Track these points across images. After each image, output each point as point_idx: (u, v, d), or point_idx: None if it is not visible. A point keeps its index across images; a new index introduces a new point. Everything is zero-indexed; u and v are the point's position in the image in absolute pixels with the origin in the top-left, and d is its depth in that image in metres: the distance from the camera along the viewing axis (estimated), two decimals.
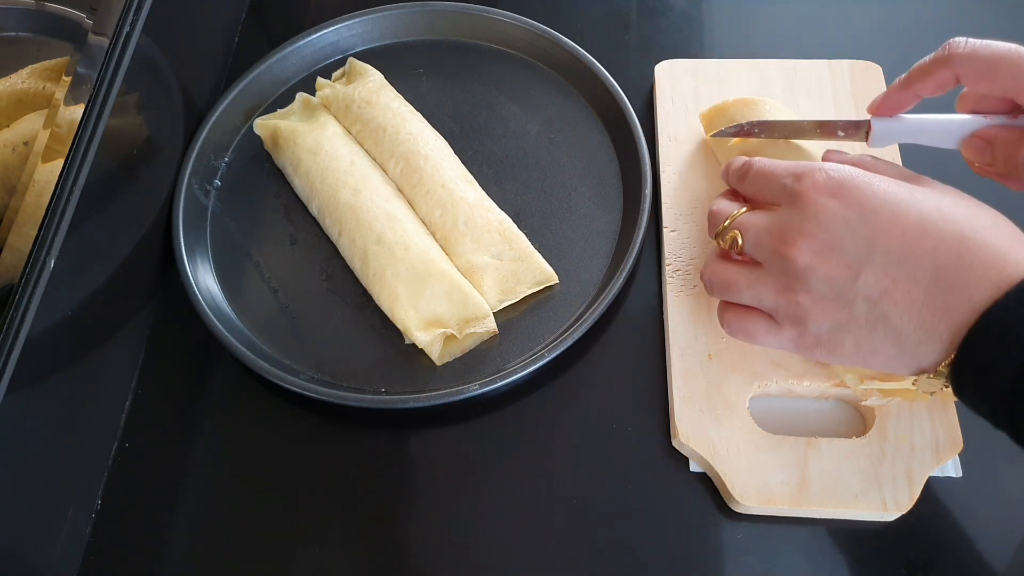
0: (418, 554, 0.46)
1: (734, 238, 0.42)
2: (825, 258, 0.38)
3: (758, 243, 0.41)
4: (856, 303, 0.38)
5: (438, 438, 0.50)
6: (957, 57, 0.41)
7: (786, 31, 0.65)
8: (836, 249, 0.38)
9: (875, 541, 0.45)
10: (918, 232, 0.37)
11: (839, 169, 0.39)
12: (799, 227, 0.39)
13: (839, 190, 0.38)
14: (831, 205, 0.38)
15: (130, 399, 0.52)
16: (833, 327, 0.39)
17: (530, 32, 0.63)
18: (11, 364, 0.40)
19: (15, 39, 0.51)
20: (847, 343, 0.39)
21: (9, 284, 0.41)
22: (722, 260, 0.44)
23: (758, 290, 0.41)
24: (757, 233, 0.41)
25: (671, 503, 0.47)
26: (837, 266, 0.38)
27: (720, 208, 0.45)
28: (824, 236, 0.38)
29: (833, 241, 0.38)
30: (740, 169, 0.45)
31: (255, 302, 0.54)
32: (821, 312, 0.39)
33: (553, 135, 0.60)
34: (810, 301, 0.39)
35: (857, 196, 0.38)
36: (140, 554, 0.47)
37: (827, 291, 0.38)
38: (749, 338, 0.43)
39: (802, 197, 0.39)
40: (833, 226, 0.38)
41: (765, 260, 0.41)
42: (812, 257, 0.38)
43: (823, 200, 0.38)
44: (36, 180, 0.44)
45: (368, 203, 0.54)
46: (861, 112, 0.57)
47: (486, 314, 0.51)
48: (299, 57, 0.64)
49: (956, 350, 0.36)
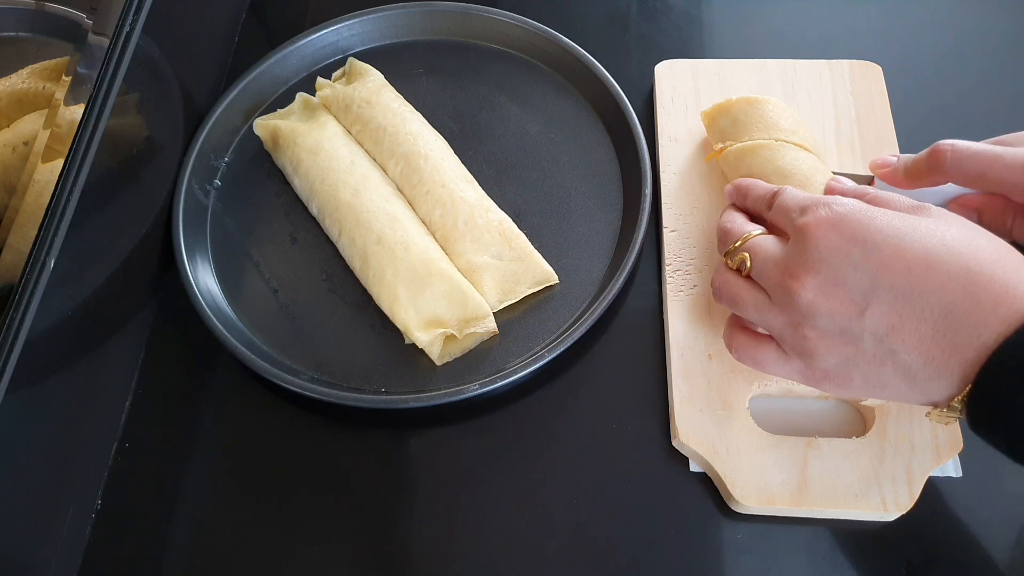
0: (418, 554, 0.46)
1: (743, 260, 0.42)
2: (828, 294, 0.38)
3: (764, 272, 0.41)
4: (863, 339, 0.38)
5: (438, 438, 0.50)
6: (945, 167, 0.43)
7: (786, 31, 0.65)
8: (840, 285, 0.38)
9: (875, 541, 0.45)
10: (923, 267, 0.36)
11: (842, 203, 0.39)
12: (803, 262, 0.39)
13: (841, 224, 0.38)
14: (833, 240, 0.38)
15: (130, 399, 0.52)
16: (841, 362, 0.39)
17: (530, 32, 0.63)
18: (11, 364, 0.40)
19: (15, 39, 0.51)
20: (856, 377, 0.39)
21: (9, 284, 0.41)
22: (732, 273, 0.44)
23: (765, 315, 0.41)
24: (764, 261, 0.41)
25: (671, 503, 0.46)
26: (841, 302, 0.38)
27: (733, 227, 0.45)
28: (827, 272, 0.38)
29: (836, 277, 0.38)
30: (767, 198, 0.45)
31: (255, 302, 0.54)
32: (827, 347, 0.39)
33: (553, 135, 0.60)
34: (816, 336, 0.39)
35: (859, 231, 0.38)
36: (140, 554, 0.47)
37: (832, 327, 0.38)
38: (758, 366, 0.43)
39: (806, 232, 0.39)
40: (836, 261, 0.38)
41: (770, 290, 0.41)
42: (815, 293, 0.38)
43: (826, 235, 0.38)
44: (36, 180, 0.44)
45: (368, 203, 0.54)
46: (861, 112, 0.57)
47: (486, 314, 0.51)
48: (299, 57, 0.64)
49: (970, 386, 0.36)
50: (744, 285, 0.43)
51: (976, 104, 0.60)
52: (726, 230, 0.45)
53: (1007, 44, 0.63)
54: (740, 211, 0.47)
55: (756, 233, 0.43)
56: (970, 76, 0.62)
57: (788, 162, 0.49)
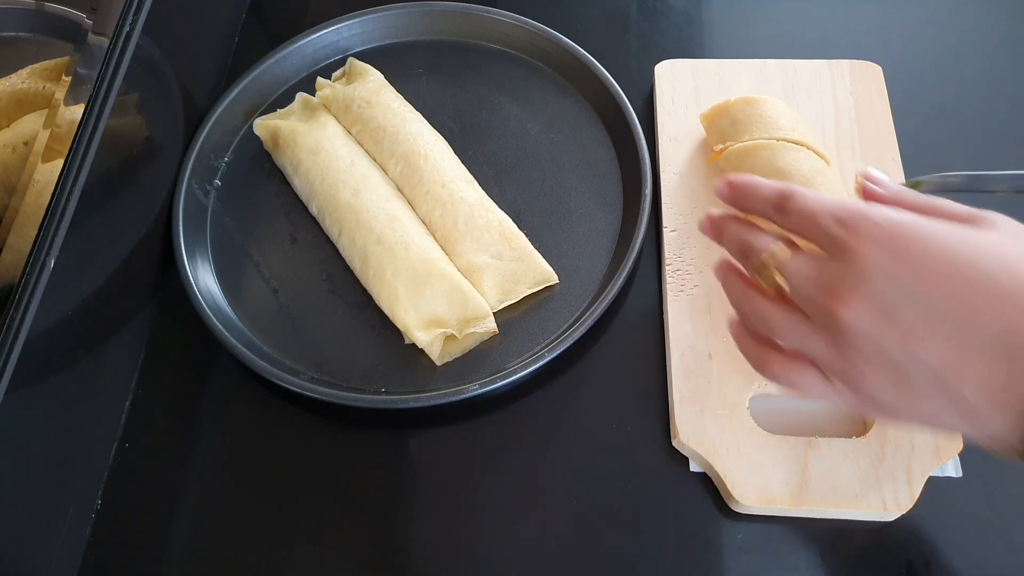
0: (418, 554, 0.46)
1: (772, 277, 0.37)
2: (877, 321, 0.34)
3: (802, 293, 0.36)
4: (913, 371, 0.34)
5: (438, 438, 0.50)
6: None
7: (786, 31, 0.65)
8: (890, 311, 0.33)
9: (875, 541, 0.45)
10: (984, 294, 0.32)
11: (889, 217, 0.34)
12: (848, 284, 0.34)
13: (891, 243, 0.34)
14: (884, 261, 0.33)
15: (130, 399, 0.52)
16: (889, 391, 0.35)
17: (530, 32, 0.63)
18: (11, 364, 0.40)
19: (15, 39, 0.51)
20: (904, 408, 0.35)
21: (9, 284, 0.41)
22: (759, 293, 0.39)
23: (804, 339, 0.36)
24: (801, 282, 0.36)
25: (671, 503, 0.46)
26: (891, 330, 0.33)
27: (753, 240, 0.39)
28: (877, 296, 0.33)
29: (887, 302, 0.33)
30: (776, 199, 0.38)
31: (255, 302, 0.54)
32: (875, 375, 0.35)
33: (553, 135, 0.60)
34: (863, 362, 0.35)
35: (913, 250, 0.33)
36: (140, 554, 0.47)
37: (880, 356, 0.34)
38: (796, 392, 0.38)
39: (850, 250, 0.34)
40: (886, 285, 0.33)
41: (811, 313, 0.36)
42: (863, 319, 0.34)
43: (875, 255, 0.34)
44: (36, 180, 0.44)
45: (368, 203, 0.54)
46: (861, 112, 0.57)
47: (486, 314, 0.51)
48: (299, 57, 0.64)
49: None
50: (777, 307, 0.38)
51: (976, 104, 0.60)
52: (747, 242, 0.39)
53: (1007, 44, 0.63)
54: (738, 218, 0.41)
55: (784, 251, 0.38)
56: (970, 76, 0.62)
57: (789, 162, 0.49)
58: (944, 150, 0.43)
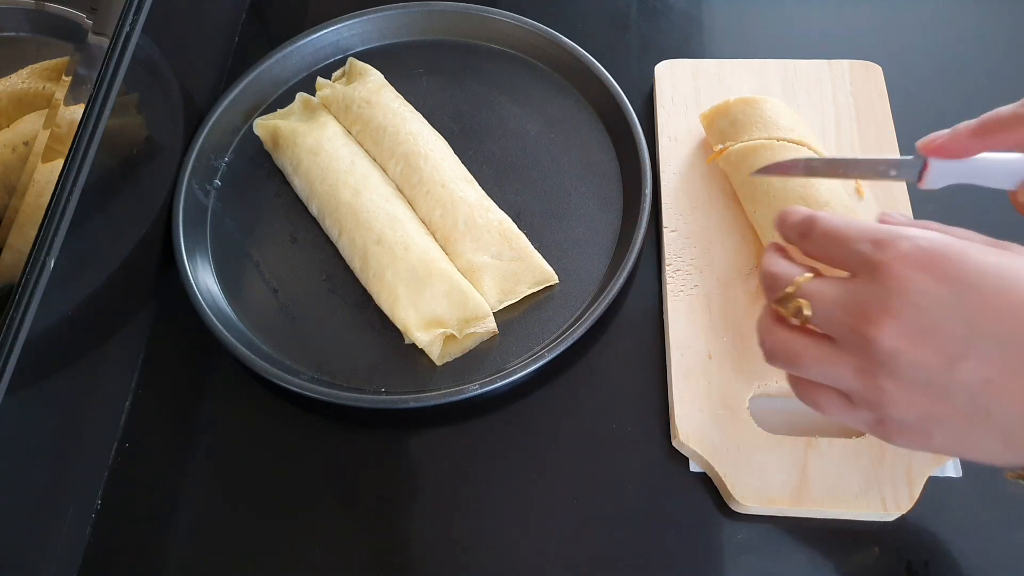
0: (418, 554, 0.46)
1: (799, 307, 0.36)
2: (916, 342, 0.32)
3: (831, 319, 0.35)
4: (952, 394, 0.33)
5: (438, 438, 0.50)
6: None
7: (786, 31, 0.65)
8: (929, 332, 0.32)
9: (875, 541, 0.45)
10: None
11: (926, 237, 0.33)
12: (883, 304, 0.33)
13: (930, 263, 0.33)
14: (921, 280, 0.32)
15: (130, 399, 0.52)
16: (922, 417, 0.34)
17: (530, 32, 0.63)
18: (11, 364, 0.40)
19: (15, 39, 0.51)
20: (936, 435, 0.34)
21: (9, 284, 0.41)
22: (783, 326, 0.37)
23: (832, 369, 0.35)
24: (830, 307, 0.35)
25: (671, 503, 0.46)
26: (930, 351, 0.32)
27: (779, 271, 0.38)
28: (915, 316, 0.32)
29: (926, 322, 0.32)
30: (800, 225, 0.38)
31: (255, 302, 0.54)
32: (908, 401, 0.33)
33: (553, 135, 0.60)
34: (895, 387, 0.33)
35: (953, 269, 0.32)
36: (140, 554, 0.47)
37: (917, 379, 0.33)
38: (819, 411, 0.37)
39: (885, 270, 0.33)
40: (925, 304, 0.32)
41: (841, 338, 0.35)
42: (900, 340, 0.33)
43: (911, 274, 0.33)
44: (36, 180, 0.44)
45: (368, 203, 0.54)
46: (861, 112, 0.57)
47: (486, 314, 0.51)
48: (299, 57, 0.64)
49: None
50: (802, 340, 0.36)
51: (976, 104, 0.59)
52: (773, 275, 0.38)
53: (1007, 44, 0.63)
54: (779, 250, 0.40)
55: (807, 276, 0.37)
56: (970, 76, 0.62)
57: None
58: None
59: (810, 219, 0.37)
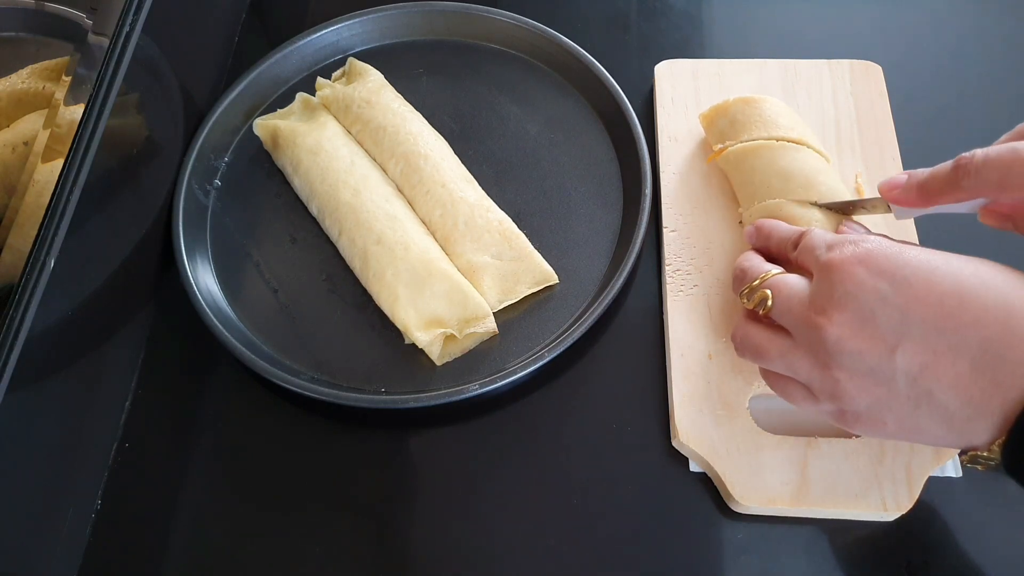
0: (418, 554, 0.46)
1: (763, 298, 0.40)
2: (856, 332, 0.36)
3: (787, 309, 0.39)
4: (895, 379, 0.35)
5: (438, 438, 0.50)
6: (966, 181, 0.38)
7: (786, 31, 0.65)
8: (868, 322, 0.36)
9: (875, 541, 0.45)
10: (956, 301, 0.34)
11: (869, 239, 0.38)
12: (828, 297, 0.37)
13: (868, 259, 0.36)
14: (861, 274, 0.36)
15: (130, 399, 0.52)
16: (873, 404, 0.37)
17: (530, 32, 0.63)
18: (11, 364, 0.40)
19: (15, 39, 0.51)
20: (889, 421, 0.37)
21: (9, 284, 0.41)
22: (753, 322, 0.42)
23: (791, 361, 0.39)
24: (787, 298, 0.39)
25: (671, 503, 0.47)
26: (870, 340, 0.36)
27: (751, 265, 0.43)
28: (855, 307, 0.36)
29: (864, 313, 0.36)
30: (794, 239, 0.43)
31: (255, 302, 0.54)
32: (858, 389, 0.36)
33: (553, 135, 0.60)
34: (845, 377, 0.37)
35: (888, 265, 0.36)
36: (140, 555, 0.47)
37: (862, 367, 0.36)
38: (790, 403, 0.41)
39: (832, 267, 0.37)
40: (863, 297, 0.36)
41: (794, 329, 0.39)
42: (843, 330, 0.36)
43: (853, 269, 0.36)
44: (36, 180, 0.44)
45: (368, 203, 0.54)
46: (861, 112, 0.57)
47: (486, 314, 0.51)
48: (299, 57, 0.64)
49: (1009, 430, 0.34)
50: (766, 333, 0.40)
51: (976, 104, 0.60)
52: (744, 269, 0.43)
53: (1007, 44, 0.63)
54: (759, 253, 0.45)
55: (775, 272, 0.41)
56: (970, 76, 0.62)
57: (789, 162, 0.49)
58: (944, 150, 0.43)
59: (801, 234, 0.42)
